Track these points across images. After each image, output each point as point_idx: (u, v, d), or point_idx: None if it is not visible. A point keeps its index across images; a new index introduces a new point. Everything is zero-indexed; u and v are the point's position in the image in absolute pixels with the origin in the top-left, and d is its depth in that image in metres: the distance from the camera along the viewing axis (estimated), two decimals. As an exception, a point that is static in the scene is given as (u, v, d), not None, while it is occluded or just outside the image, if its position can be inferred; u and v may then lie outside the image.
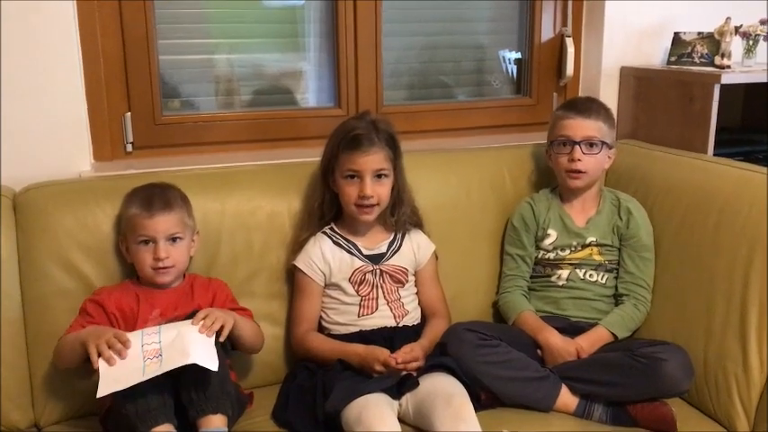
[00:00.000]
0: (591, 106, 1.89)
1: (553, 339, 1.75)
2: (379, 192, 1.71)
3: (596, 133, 1.85)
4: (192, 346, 1.39)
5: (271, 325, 1.78)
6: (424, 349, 1.64)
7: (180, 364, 1.36)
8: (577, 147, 1.84)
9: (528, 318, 1.83)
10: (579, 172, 1.85)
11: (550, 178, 2.03)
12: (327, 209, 1.78)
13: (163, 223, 1.57)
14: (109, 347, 1.39)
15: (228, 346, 1.53)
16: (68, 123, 1.85)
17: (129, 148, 2.01)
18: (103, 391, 1.35)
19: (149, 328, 1.46)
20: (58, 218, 1.64)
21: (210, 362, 1.39)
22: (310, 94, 2.31)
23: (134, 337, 1.42)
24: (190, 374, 1.38)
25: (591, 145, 1.85)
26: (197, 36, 2.13)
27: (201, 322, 1.44)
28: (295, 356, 1.77)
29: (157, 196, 1.60)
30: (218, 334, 1.45)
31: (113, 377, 1.36)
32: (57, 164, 1.83)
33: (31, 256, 1.62)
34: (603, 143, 1.86)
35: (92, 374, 1.42)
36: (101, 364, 1.38)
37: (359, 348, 1.62)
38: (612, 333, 1.77)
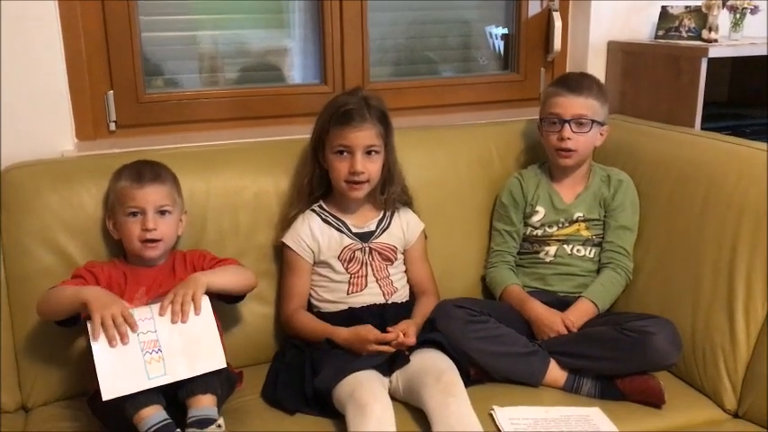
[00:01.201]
0: (582, 83, 1.88)
1: (537, 310, 1.76)
2: (370, 168, 1.70)
3: (587, 111, 1.84)
4: (194, 346, 1.39)
5: (259, 304, 1.77)
6: (418, 328, 1.65)
7: (186, 376, 1.37)
8: (567, 125, 1.84)
9: (513, 291, 1.84)
10: (569, 150, 1.85)
11: (538, 154, 2.02)
12: (317, 185, 1.77)
13: (153, 194, 1.56)
14: (115, 325, 1.36)
15: (219, 327, 1.53)
16: (50, 102, 1.82)
17: (113, 126, 1.99)
18: (108, 394, 1.32)
19: (140, 308, 1.44)
20: (42, 197, 1.62)
21: (216, 360, 1.39)
22: (295, 70, 2.29)
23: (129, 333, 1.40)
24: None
25: (580, 123, 1.84)
26: (179, 12, 2.10)
27: (170, 308, 1.42)
28: (284, 334, 1.77)
29: (148, 169, 1.59)
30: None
31: (112, 370, 1.34)
32: (39, 143, 1.80)
33: (14, 236, 1.61)
34: (594, 121, 1.85)
35: (79, 354, 1.40)
36: (96, 346, 1.35)
37: (344, 332, 1.61)
38: (594, 303, 1.78)
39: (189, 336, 1.41)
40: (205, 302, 1.45)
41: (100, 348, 1.35)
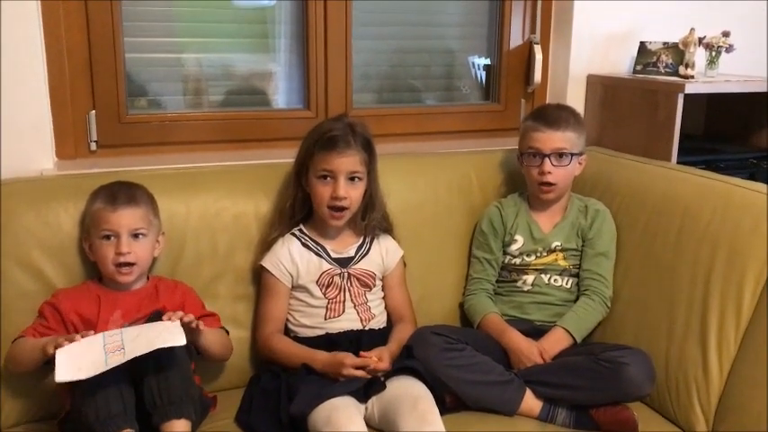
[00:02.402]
0: (560, 116, 1.89)
1: (516, 341, 1.76)
2: (352, 194, 1.71)
3: (566, 144, 1.86)
4: (156, 335, 1.37)
5: (235, 328, 1.76)
6: (393, 354, 1.64)
7: (145, 351, 1.34)
8: (547, 159, 1.85)
9: (492, 320, 1.84)
10: (550, 185, 1.86)
11: (517, 183, 2.04)
12: (298, 209, 1.78)
13: (126, 217, 1.55)
14: (66, 341, 1.37)
15: (194, 351, 1.52)
16: (31, 120, 1.81)
17: (94, 146, 1.98)
18: (63, 376, 1.31)
19: (111, 331, 1.43)
20: (18, 216, 1.61)
21: (177, 339, 1.37)
22: (280, 95, 2.30)
23: (95, 339, 1.39)
24: (153, 378, 1.37)
25: (561, 156, 1.86)
26: (165, 35, 2.11)
27: (168, 314, 1.43)
28: (259, 358, 1.76)
29: (123, 191, 1.58)
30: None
31: (75, 365, 1.33)
32: (18, 161, 1.78)
33: (-10, 255, 1.59)
34: (573, 154, 1.87)
35: (51, 375, 1.38)
36: (59, 354, 1.34)
37: (322, 356, 1.61)
38: (568, 331, 1.79)
39: (151, 329, 1.41)
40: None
41: (63, 357, 1.35)
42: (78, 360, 1.34)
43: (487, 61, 2.48)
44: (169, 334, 1.38)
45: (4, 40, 1.74)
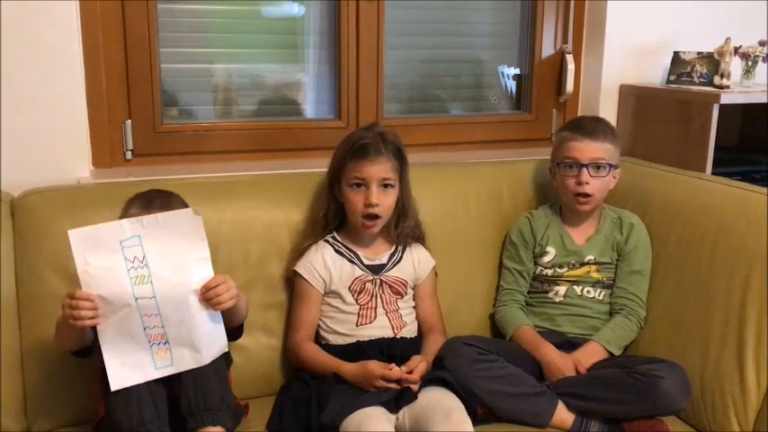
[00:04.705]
0: (598, 127, 1.88)
1: (551, 355, 1.75)
2: (384, 202, 1.72)
3: (604, 155, 1.85)
4: (201, 335, 1.38)
5: (266, 335, 1.77)
6: (428, 365, 1.64)
7: (193, 366, 1.36)
8: (585, 169, 1.84)
9: (526, 333, 1.83)
10: (587, 196, 1.85)
11: (548, 194, 2.03)
12: (332, 218, 1.79)
13: None
14: (72, 309, 1.34)
15: (231, 358, 1.53)
16: (69, 129, 1.85)
17: (129, 155, 2.01)
18: (116, 383, 1.34)
19: (145, 301, 1.37)
20: (55, 223, 1.63)
21: (219, 347, 1.39)
22: (309, 105, 2.31)
23: (120, 272, 1.37)
24: (190, 384, 1.38)
25: (598, 167, 1.85)
26: (196, 45, 2.13)
27: (208, 293, 1.40)
28: (290, 366, 1.76)
29: (158, 199, 1.59)
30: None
31: (120, 362, 1.35)
32: (56, 169, 1.82)
33: (27, 262, 1.62)
34: (610, 165, 1.86)
35: (83, 364, 1.42)
36: (100, 332, 1.35)
37: (350, 367, 1.61)
38: (605, 347, 1.77)
39: (195, 329, 1.40)
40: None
41: (108, 340, 1.36)
42: (126, 358, 1.36)
43: (517, 71, 2.48)
44: (213, 340, 1.40)
45: (45, 52, 1.78)
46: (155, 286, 1.37)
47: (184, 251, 1.40)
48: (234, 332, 1.61)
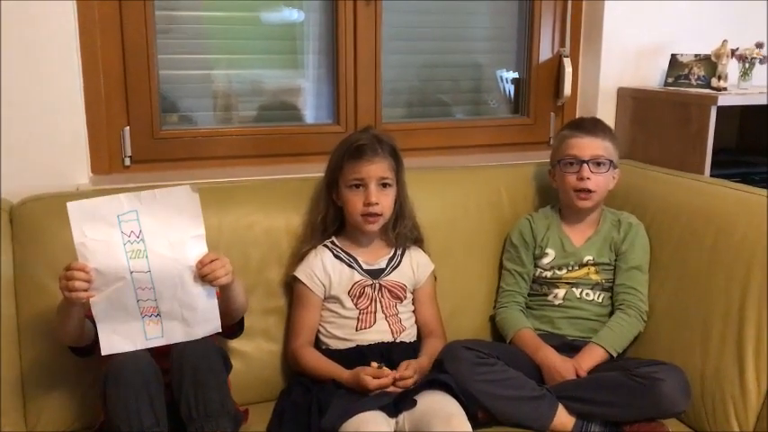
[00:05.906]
0: (597, 125, 1.91)
1: (552, 358, 1.74)
2: (383, 200, 1.73)
3: (604, 152, 1.86)
4: (194, 311, 1.39)
5: (266, 341, 1.77)
6: (423, 367, 1.64)
7: (184, 339, 1.38)
8: (585, 165, 1.85)
9: (526, 335, 1.83)
10: (588, 191, 1.85)
11: (547, 197, 2.03)
12: (330, 223, 1.79)
13: None
14: (67, 280, 1.35)
15: (230, 363, 1.53)
16: (67, 136, 1.85)
17: (128, 161, 2.01)
18: (107, 348, 1.36)
19: (139, 275, 1.38)
20: (54, 230, 1.63)
21: (212, 325, 1.39)
22: (308, 110, 2.32)
23: (116, 246, 1.38)
24: (191, 389, 1.38)
25: (598, 164, 1.86)
26: (197, 52, 2.14)
27: (203, 269, 1.40)
28: (290, 371, 1.76)
29: None
30: None
31: (112, 329, 1.37)
32: (55, 176, 1.82)
33: (27, 269, 1.62)
34: (610, 162, 1.87)
35: (83, 370, 1.42)
36: (93, 304, 1.36)
37: (346, 376, 1.61)
38: (605, 348, 1.77)
39: (188, 305, 1.40)
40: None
41: (101, 310, 1.37)
42: (117, 326, 1.37)
43: (515, 75, 2.48)
44: (206, 316, 1.40)
45: (42, 58, 1.78)
46: (150, 261, 1.38)
47: (181, 227, 1.41)
48: (234, 330, 1.61)
